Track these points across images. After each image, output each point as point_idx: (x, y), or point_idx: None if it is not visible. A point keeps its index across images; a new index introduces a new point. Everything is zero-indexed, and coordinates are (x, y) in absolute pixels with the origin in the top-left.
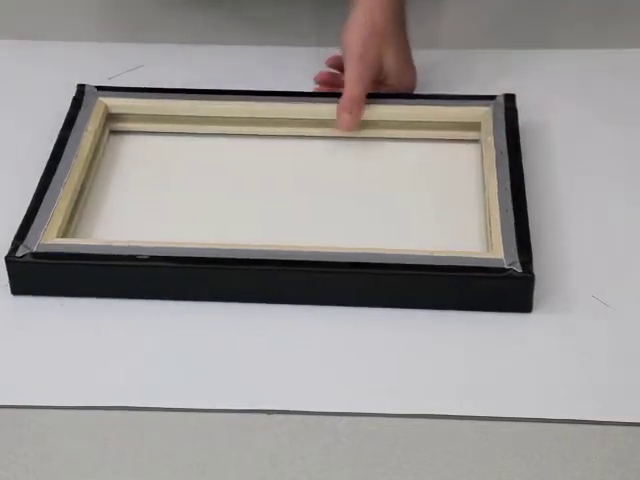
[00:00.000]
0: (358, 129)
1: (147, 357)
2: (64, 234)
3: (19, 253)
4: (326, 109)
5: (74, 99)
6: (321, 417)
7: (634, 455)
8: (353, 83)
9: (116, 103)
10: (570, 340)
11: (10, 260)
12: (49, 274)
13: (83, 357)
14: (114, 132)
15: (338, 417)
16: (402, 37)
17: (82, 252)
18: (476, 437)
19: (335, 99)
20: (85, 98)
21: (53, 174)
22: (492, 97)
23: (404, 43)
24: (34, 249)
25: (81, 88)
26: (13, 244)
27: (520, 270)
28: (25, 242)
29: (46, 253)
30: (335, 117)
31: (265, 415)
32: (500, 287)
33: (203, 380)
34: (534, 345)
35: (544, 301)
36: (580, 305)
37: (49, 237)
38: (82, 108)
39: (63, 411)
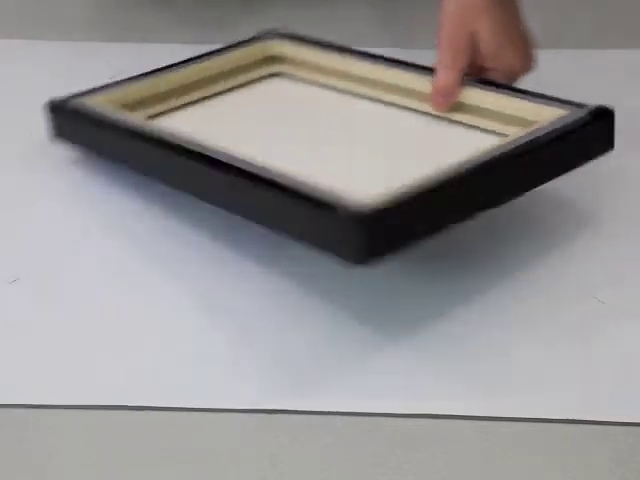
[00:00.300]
0: (451, 111)
1: (146, 357)
2: (132, 109)
3: (53, 104)
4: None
5: (249, 39)
6: (321, 417)
7: (634, 455)
8: (445, 70)
9: (279, 48)
10: (570, 340)
11: (47, 107)
12: (70, 129)
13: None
14: (273, 75)
15: (338, 417)
16: (501, 12)
17: (97, 117)
18: (476, 437)
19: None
20: (257, 41)
21: (174, 66)
22: (584, 105)
23: (505, 19)
24: (69, 104)
25: (259, 34)
26: (61, 97)
27: (358, 209)
28: (75, 97)
29: (72, 109)
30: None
31: (265, 415)
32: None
33: (203, 379)
34: (534, 345)
35: (544, 301)
36: (580, 305)
37: (99, 100)
38: (246, 47)
39: (63, 410)
